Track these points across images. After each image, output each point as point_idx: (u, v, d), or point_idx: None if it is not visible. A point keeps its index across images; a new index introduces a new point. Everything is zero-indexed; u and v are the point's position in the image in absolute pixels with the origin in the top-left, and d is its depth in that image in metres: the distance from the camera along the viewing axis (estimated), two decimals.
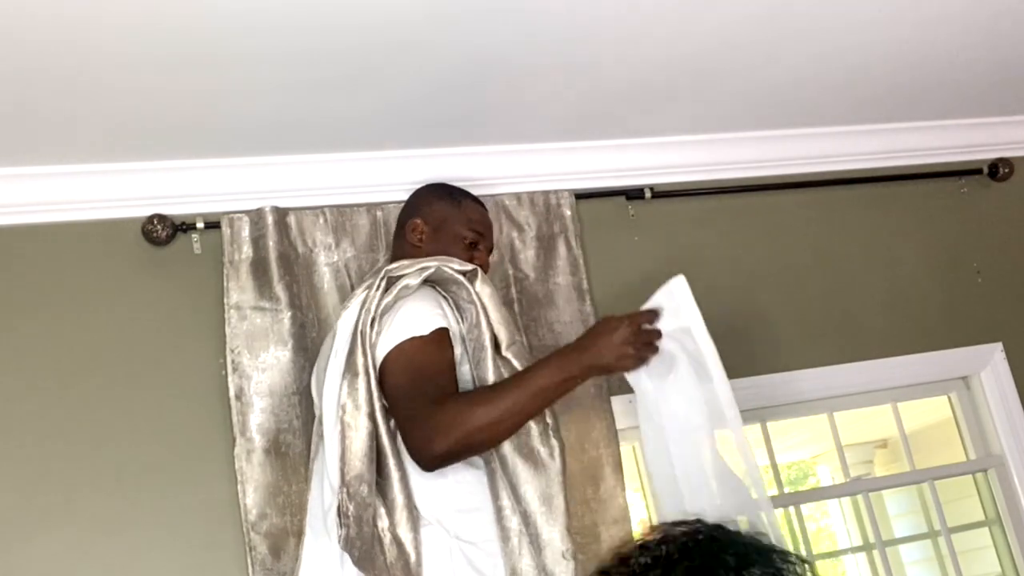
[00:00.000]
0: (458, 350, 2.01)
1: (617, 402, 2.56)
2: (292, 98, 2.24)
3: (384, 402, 1.95)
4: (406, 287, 2.01)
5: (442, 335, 1.97)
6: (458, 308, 2.06)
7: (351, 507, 1.87)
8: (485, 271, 2.17)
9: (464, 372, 2.02)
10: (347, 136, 2.45)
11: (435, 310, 2.00)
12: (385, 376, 1.94)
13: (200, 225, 2.42)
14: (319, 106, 2.29)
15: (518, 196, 2.65)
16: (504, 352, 2.03)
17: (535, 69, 2.32)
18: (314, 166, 2.51)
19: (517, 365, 2.02)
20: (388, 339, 1.95)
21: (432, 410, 1.86)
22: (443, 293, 2.07)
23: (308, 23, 1.97)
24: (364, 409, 1.92)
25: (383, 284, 2.01)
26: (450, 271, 2.06)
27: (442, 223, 2.24)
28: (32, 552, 2.16)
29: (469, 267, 2.08)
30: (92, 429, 2.26)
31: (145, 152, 2.35)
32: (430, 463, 1.87)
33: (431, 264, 2.05)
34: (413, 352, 1.93)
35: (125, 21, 1.85)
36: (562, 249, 2.65)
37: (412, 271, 2.04)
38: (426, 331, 1.95)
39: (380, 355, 1.95)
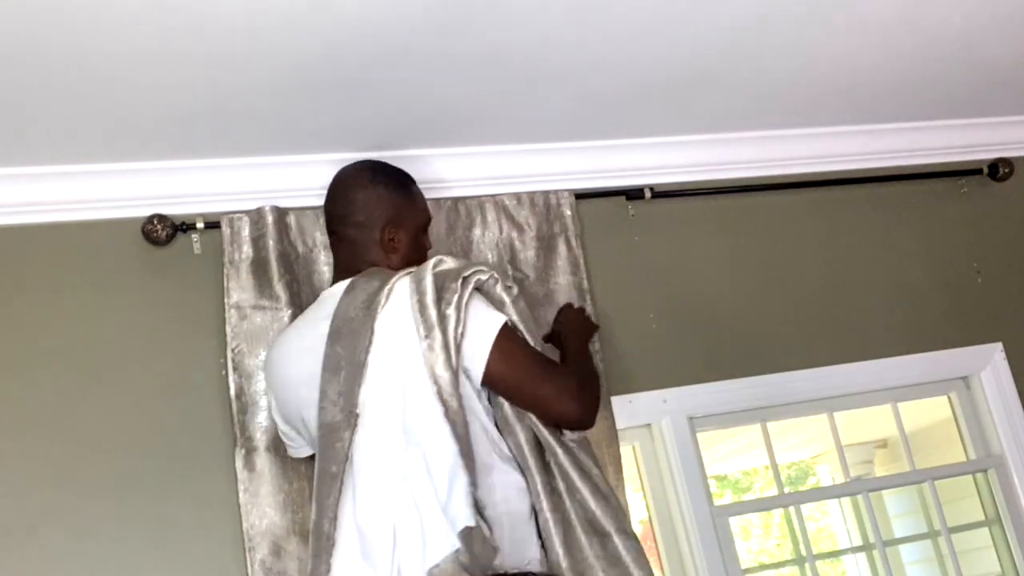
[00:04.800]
0: None
1: (617, 402, 2.56)
2: (292, 98, 2.23)
3: (462, 401, 1.94)
4: (479, 279, 2.03)
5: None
6: None
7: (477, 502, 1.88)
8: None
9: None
10: (347, 137, 2.45)
11: (495, 308, 2.04)
12: (496, 368, 1.96)
13: (200, 225, 2.41)
14: (319, 107, 2.29)
15: (518, 196, 2.65)
16: None
17: (535, 69, 2.32)
18: (314, 166, 2.51)
19: None
20: (480, 338, 1.96)
21: (576, 377, 2.05)
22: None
23: (308, 24, 1.97)
24: (463, 409, 1.92)
25: (459, 285, 1.98)
26: (500, 289, 2.07)
27: (407, 219, 2.20)
28: (30, 552, 2.16)
29: (512, 284, 2.11)
30: (91, 428, 2.25)
31: (145, 152, 2.34)
32: (591, 422, 2.05)
33: (487, 270, 2.05)
34: (511, 339, 2.00)
35: (125, 20, 1.85)
36: (562, 249, 2.65)
37: (475, 270, 2.03)
38: (504, 320, 2.00)
39: (477, 354, 1.96)
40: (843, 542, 3.72)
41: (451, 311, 1.94)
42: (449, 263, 2.03)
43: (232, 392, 2.30)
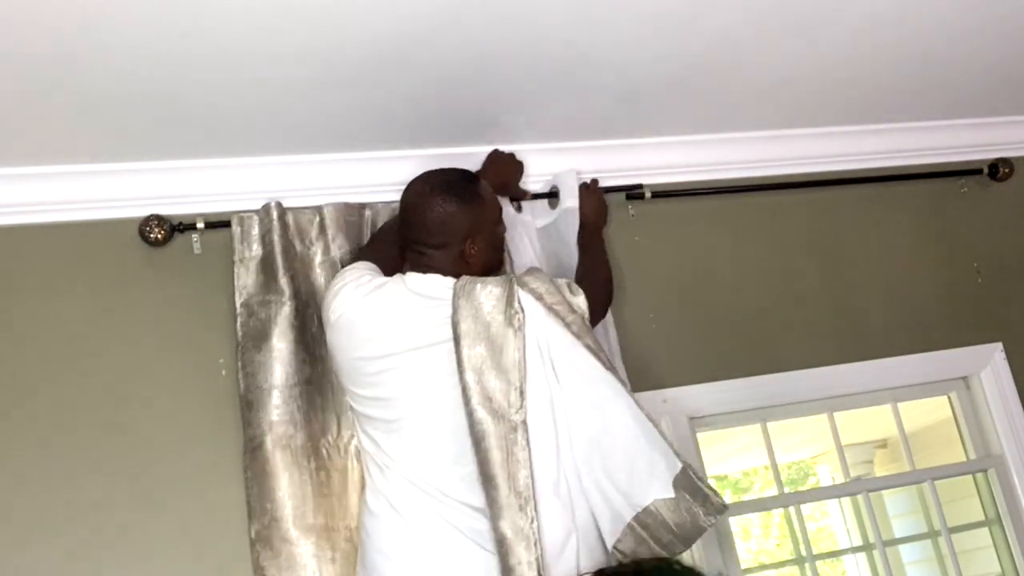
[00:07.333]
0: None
1: None
2: (293, 98, 2.23)
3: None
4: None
5: None
6: None
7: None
8: None
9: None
10: (347, 136, 2.45)
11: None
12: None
13: (200, 225, 2.41)
14: (320, 106, 2.29)
15: None
16: None
17: (535, 69, 2.32)
18: (314, 166, 2.50)
19: None
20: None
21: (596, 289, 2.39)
22: None
23: (309, 23, 1.97)
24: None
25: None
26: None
27: (484, 225, 2.27)
28: (37, 553, 2.15)
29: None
30: (93, 429, 2.25)
31: (144, 152, 2.34)
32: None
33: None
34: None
35: (125, 20, 1.85)
36: None
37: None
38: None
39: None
40: (843, 542, 3.72)
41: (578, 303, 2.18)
42: (538, 273, 2.21)
43: (242, 389, 2.29)
